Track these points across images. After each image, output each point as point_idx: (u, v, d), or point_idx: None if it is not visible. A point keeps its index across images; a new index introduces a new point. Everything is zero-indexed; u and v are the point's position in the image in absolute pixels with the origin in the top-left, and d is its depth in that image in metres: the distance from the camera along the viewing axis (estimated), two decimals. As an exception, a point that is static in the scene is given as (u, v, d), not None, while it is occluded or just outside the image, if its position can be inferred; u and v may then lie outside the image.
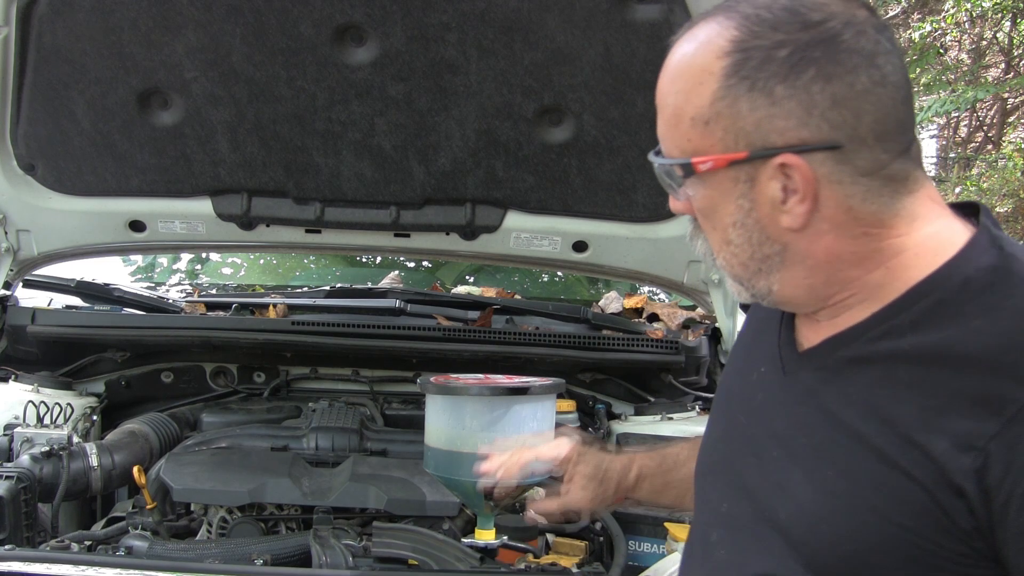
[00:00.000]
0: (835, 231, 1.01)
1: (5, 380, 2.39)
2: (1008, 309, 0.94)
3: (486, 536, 1.72)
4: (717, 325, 2.62)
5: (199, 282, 3.68)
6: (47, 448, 2.04)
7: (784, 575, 1.03)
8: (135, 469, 1.98)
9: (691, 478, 1.39)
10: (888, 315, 1.02)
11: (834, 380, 1.05)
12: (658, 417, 2.48)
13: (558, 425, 1.92)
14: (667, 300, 3.32)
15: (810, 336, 1.12)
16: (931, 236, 1.02)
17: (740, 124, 1.00)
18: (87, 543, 1.89)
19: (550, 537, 2.09)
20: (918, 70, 10.23)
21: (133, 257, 3.67)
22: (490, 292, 3.24)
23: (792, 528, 1.04)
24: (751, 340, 1.26)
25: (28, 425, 2.23)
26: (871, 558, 0.96)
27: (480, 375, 1.73)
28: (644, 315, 3.08)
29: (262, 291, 3.17)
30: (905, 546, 0.94)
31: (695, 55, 1.03)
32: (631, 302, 3.15)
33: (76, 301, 2.80)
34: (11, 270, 2.50)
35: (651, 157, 1.09)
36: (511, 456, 1.54)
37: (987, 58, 12.40)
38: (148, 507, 1.97)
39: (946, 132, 13.73)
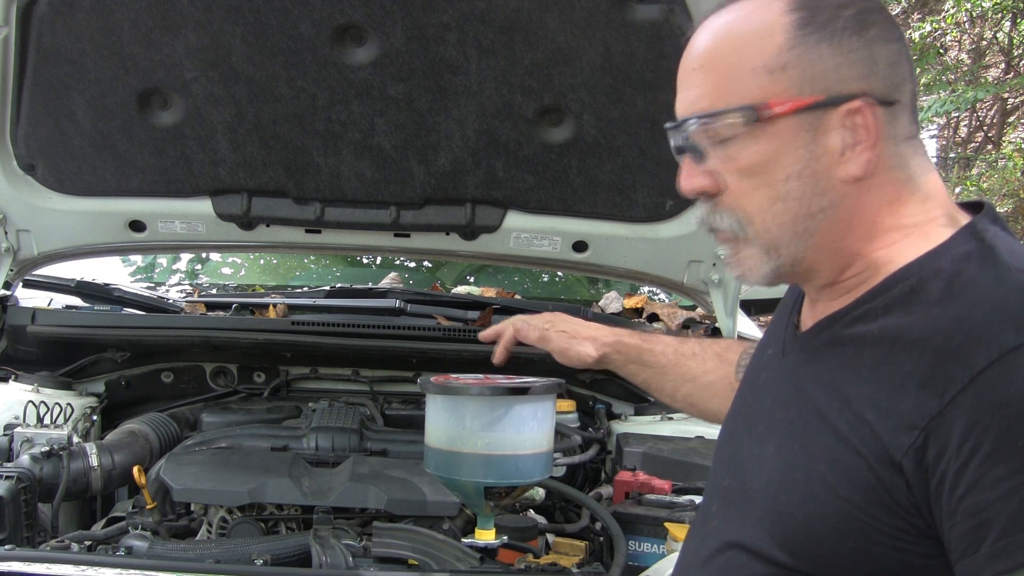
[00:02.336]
0: (876, 190, 1.05)
1: (5, 380, 2.39)
2: (965, 296, 0.96)
3: (486, 536, 1.72)
4: (717, 325, 2.62)
5: (199, 282, 3.68)
6: (47, 448, 2.04)
7: (751, 543, 1.08)
8: (135, 469, 1.98)
9: (667, 374, 1.59)
10: (867, 300, 1.05)
11: (813, 361, 1.09)
12: (658, 417, 2.48)
13: (558, 425, 1.93)
14: (667, 300, 3.32)
15: (807, 320, 1.17)
16: (932, 220, 1.05)
17: (811, 72, 1.02)
18: (87, 543, 1.89)
19: (550, 537, 2.09)
20: (918, 70, 10.23)
21: (133, 257, 3.67)
22: (490, 292, 3.24)
23: (761, 499, 1.08)
24: (772, 325, 1.31)
25: (28, 425, 2.23)
26: (819, 528, 1.00)
27: (480, 375, 1.73)
28: (644, 315, 3.09)
29: (262, 291, 3.17)
30: (849, 519, 0.97)
31: (756, 12, 1.05)
32: (631, 302, 3.15)
33: (76, 301, 2.80)
34: (11, 270, 2.50)
35: (689, 122, 1.07)
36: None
37: (987, 58, 12.40)
38: (148, 507, 1.97)
39: (946, 132, 13.74)
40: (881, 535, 0.96)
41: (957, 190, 11.21)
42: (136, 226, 2.47)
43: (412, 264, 3.94)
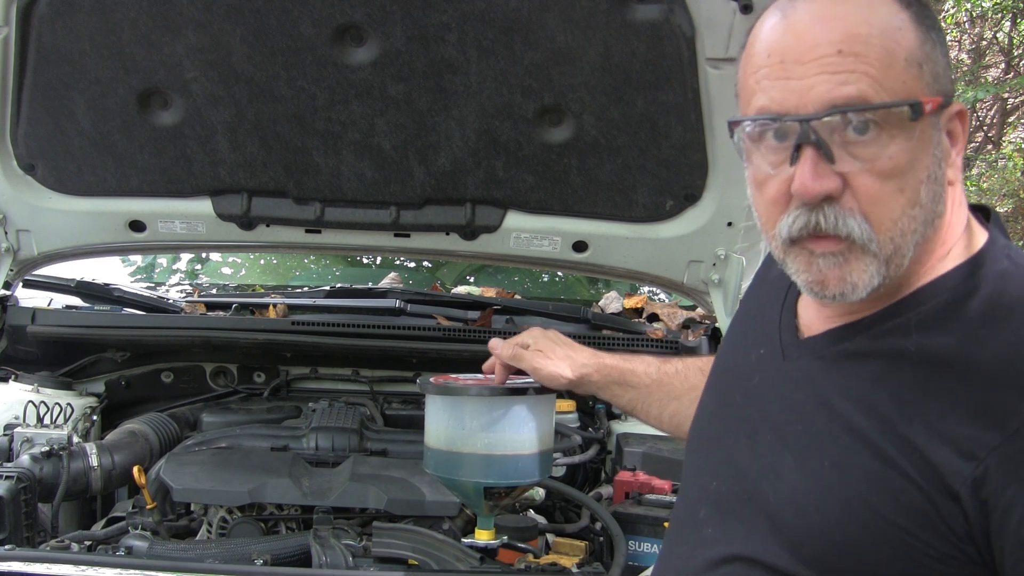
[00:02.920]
0: (954, 197, 1.03)
1: (5, 380, 2.39)
2: (1016, 321, 0.94)
3: (486, 536, 1.71)
4: (717, 325, 2.62)
5: (199, 282, 3.68)
6: (47, 448, 2.04)
7: (766, 559, 1.04)
8: (135, 469, 1.98)
9: (652, 394, 1.49)
10: (895, 312, 1.02)
11: (834, 371, 1.05)
12: (658, 417, 2.47)
13: (558, 425, 1.93)
14: (667, 300, 3.32)
15: (813, 324, 1.12)
16: (955, 231, 1.04)
17: (935, 70, 0.99)
18: (87, 543, 1.89)
19: (550, 537, 2.09)
20: (918, 70, 10.22)
21: (133, 257, 3.67)
22: (490, 292, 3.24)
23: (781, 513, 1.04)
24: (752, 319, 1.25)
25: (28, 425, 2.23)
26: (859, 549, 0.97)
27: (480, 375, 1.73)
28: (644, 315, 3.09)
29: (262, 291, 3.17)
30: (894, 541, 0.95)
31: (875, 2, 0.98)
32: (631, 302, 3.15)
33: (76, 301, 2.80)
34: (11, 270, 2.50)
35: (839, 114, 0.95)
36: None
37: (987, 58, 12.40)
38: (148, 507, 1.97)
39: (946, 132, 13.70)
40: (929, 559, 0.94)
41: (957, 190, 11.20)
42: (136, 226, 2.47)
43: (412, 264, 3.94)
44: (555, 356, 1.55)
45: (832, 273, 1.00)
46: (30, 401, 2.30)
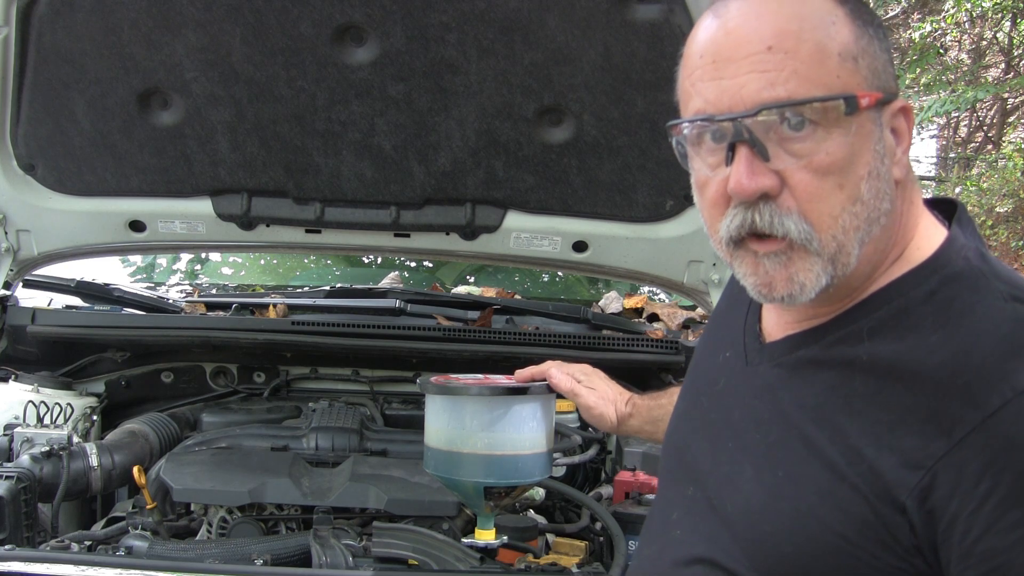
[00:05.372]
0: (906, 195, 1.01)
1: (5, 380, 2.39)
2: (965, 327, 0.92)
3: (486, 536, 1.71)
4: (717, 325, 2.62)
5: (199, 282, 3.68)
6: (47, 448, 2.04)
7: (725, 563, 1.04)
8: (135, 469, 1.98)
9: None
10: (850, 318, 1.01)
11: (791, 380, 1.04)
12: (658, 417, 2.47)
13: (558, 425, 1.92)
14: (667, 300, 3.32)
15: (774, 329, 1.11)
16: (910, 229, 1.02)
17: (874, 65, 0.97)
18: (87, 543, 1.89)
19: (550, 537, 2.09)
20: (918, 70, 10.24)
21: (133, 257, 3.67)
22: (490, 292, 3.24)
23: (737, 521, 1.04)
24: (722, 319, 1.25)
25: (28, 425, 2.23)
26: (808, 563, 0.96)
27: (480, 375, 1.73)
28: (644, 315, 3.09)
29: (262, 291, 3.17)
30: (843, 556, 0.94)
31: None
32: (631, 302, 3.15)
33: (76, 301, 2.80)
34: (11, 270, 2.50)
35: (764, 111, 0.94)
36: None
37: (987, 58, 12.40)
38: (148, 507, 1.97)
39: (946, 132, 13.73)
40: (876, 572, 0.93)
41: (957, 190, 11.20)
42: (136, 226, 2.47)
43: (412, 264, 3.94)
44: (607, 398, 1.63)
45: (778, 274, 0.99)
46: (30, 401, 2.30)
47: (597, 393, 1.62)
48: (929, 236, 1.02)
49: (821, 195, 0.95)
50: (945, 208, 1.08)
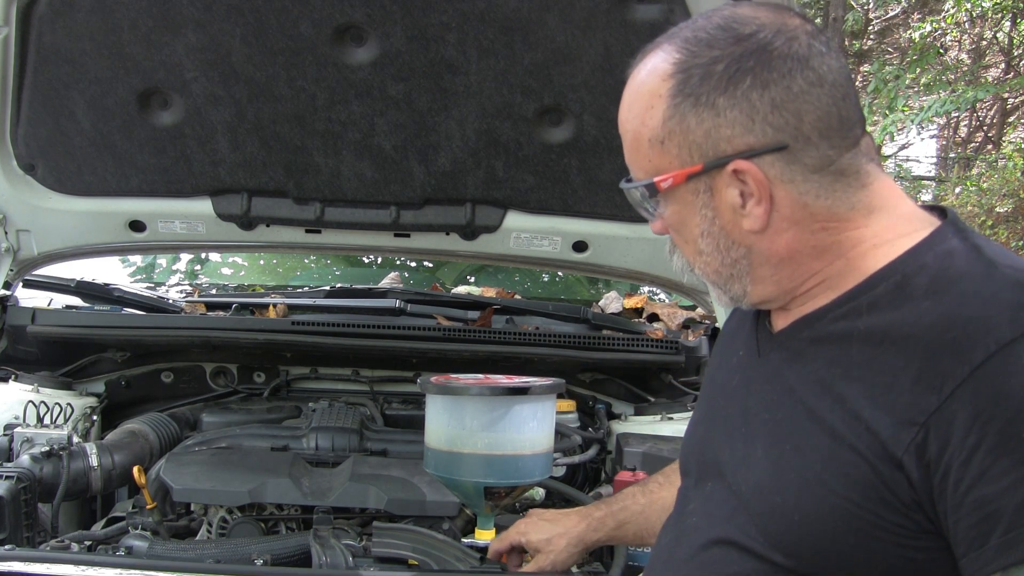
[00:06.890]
0: (794, 228, 1.07)
1: (5, 380, 2.39)
2: (955, 291, 0.97)
3: (486, 536, 1.72)
4: (717, 325, 2.62)
5: (199, 282, 3.68)
6: (47, 448, 2.04)
7: (743, 541, 1.09)
8: (135, 469, 1.98)
9: (649, 516, 1.57)
10: (849, 298, 1.06)
11: (797, 360, 1.10)
12: (658, 417, 2.48)
13: (558, 425, 1.93)
14: (667, 300, 3.32)
15: (781, 320, 1.17)
16: (889, 227, 1.06)
17: (691, 139, 1.05)
18: (87, 543, 1.89)
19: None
20: (918, 70, 10.24)
21: (133, 257, 3.67)
22: (490, 292, 3.24)
23: (752, 500, 1.09)
24: (733, 331, 1.32)
25: (28, 425, 2.23)
26: (817, 527, 1.01)
27: (480, 375, 1.73)
28: (644, 315, 3.08)
29: (262, 291, 3.17)
30: (848, 517, 0.98)
31: (644, 82, 1.09)
32: (631, 302, 3.15)
33: (76, 301, 2.80)
34: (11, 270, 2.50)
35: (622, 184, 1.15)
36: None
37: (987, 58, 12.41)
38: (148, 507, 1.97)
39: (946, 132, 13.75)
40: (882, 531, 0.97)
41: (957, 190, 11.22)
42: (136, 226, 2.47)
43: (412, 264, 3.94)
44: (555, 546, 1.65)
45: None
46: (30, 401, 2.30)
47: (547, 543, 1.66)
48: (909, 227, 1.07)
49: (680, 245, 1.16)
50: (938, 215, 1.12)
